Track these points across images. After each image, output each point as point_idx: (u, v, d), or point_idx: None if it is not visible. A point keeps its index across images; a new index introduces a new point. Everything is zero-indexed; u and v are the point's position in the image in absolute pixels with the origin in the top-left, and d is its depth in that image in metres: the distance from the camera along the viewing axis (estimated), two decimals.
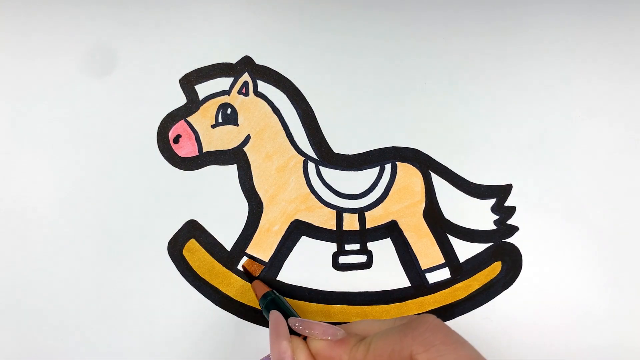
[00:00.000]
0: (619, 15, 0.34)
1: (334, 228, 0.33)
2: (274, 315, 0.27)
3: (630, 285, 0.33)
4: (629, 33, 0.34)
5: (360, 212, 0.33)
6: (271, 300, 0.30)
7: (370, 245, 0.33)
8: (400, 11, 0.34)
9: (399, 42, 0.34)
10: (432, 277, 0.33)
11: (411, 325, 0.23)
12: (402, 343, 0.22)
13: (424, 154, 0.34)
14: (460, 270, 0.33)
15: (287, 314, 0.28)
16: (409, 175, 0.33)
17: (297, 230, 0.33)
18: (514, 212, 0.33)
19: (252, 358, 0.33)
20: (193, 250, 0.33)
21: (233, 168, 0.33)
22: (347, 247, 0.33)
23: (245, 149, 0.33)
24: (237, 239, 0.33)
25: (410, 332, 0.22)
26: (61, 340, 0.32)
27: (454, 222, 0.33)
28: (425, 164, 0.33)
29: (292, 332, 0.26)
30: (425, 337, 0.22)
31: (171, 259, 0.33)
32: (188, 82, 0.34)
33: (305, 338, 0.25)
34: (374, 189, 0.33)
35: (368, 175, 0.34)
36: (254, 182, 0.33)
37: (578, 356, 0.33)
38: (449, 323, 0.33)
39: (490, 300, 0.33)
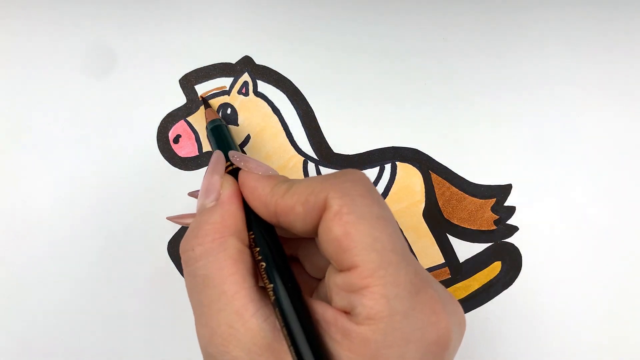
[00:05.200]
0: (619, 15, 0.34)
1: None
2: (216, 154, 0.26)
3: (631, 285, 0.33)
4: (629, 33, 0.34)
5: None
6: (217, 127, 0.30)
7: None
8: (400, 11, 0.34)
9: (399, 42, 0.34)
10: None
11: (335, 174, 0.22)
12: (320, 186, 0.21)
13: (424, 154, 0.34)
14: (460, 270, 0.33)
15: (229, 147, 0.28)
16: (408, 176, 0.33)
17: None
18: (514, 212, 0.33)
19: None
20: None
21: None
22: None
23: (245, 149, 0.33)
24: None
25: (332, 179, 0.22)
26: (61, 340, 0.32)
27: (454, 222, 0.33)
28: (425, 164, 0.33)
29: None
30: (345, 185, 0.21)
31: (171, 259, 0.33)
32: (188, 82, 0.34)
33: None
34: None
35: (368, 175, 0.33)
36: None
37: (578, 356, 0.33)
38: None
39: (490, 300, 0.33)
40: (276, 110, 0.34)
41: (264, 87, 0.34)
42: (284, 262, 0.23)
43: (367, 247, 0.20)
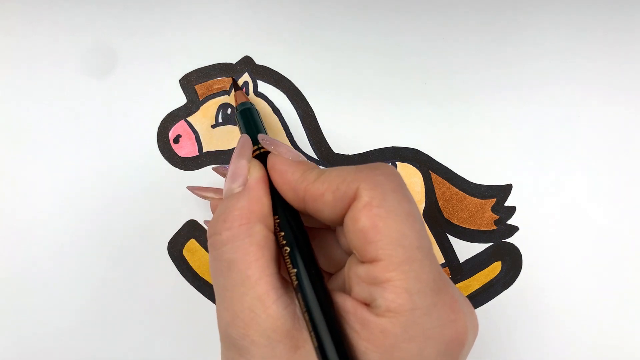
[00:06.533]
0: (619, 15, 0.34)
1: None
2: (243, 138, 0.26)
3: (631, 284, 0.33)
4: (629, 32, 0.34)
5: None
6: (246, 109, 0.29)
7: None
8: (400, 11, 0.34)
9: (399, 42, 0.34)
10: None
11: (368, 166, 0.22)
12: (353, 176, 0.21)
13: (424, 154, 0.34)
14: (460, 270, 0.33)
15: (257, 130, 0.28)
16: (408, 175, 0.33)
17: None
18: (514, 212, 0.33)
19: None
20: (193, 250, 0.33)
21: None
22: None
23: None
24: None
25: (364, 170, 0.22)
26: (61, 341, 0.32)
27: (454, 222, 0.33)
28: (425, 164, 0.33)
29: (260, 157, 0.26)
30: (378, 178, 0.21)
31: (171, 259, 0.33)
32: (188, 82, 0.34)
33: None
34: None
35: None
36: None
37: (578, 356, 0.33)
38: None
39: (490, 300, 0.33)
40: (276, 110, 0.34)
41: (264, 87, 0.34)
42: (308, 247, 0.23)
43: (393, 241, 0.20)
